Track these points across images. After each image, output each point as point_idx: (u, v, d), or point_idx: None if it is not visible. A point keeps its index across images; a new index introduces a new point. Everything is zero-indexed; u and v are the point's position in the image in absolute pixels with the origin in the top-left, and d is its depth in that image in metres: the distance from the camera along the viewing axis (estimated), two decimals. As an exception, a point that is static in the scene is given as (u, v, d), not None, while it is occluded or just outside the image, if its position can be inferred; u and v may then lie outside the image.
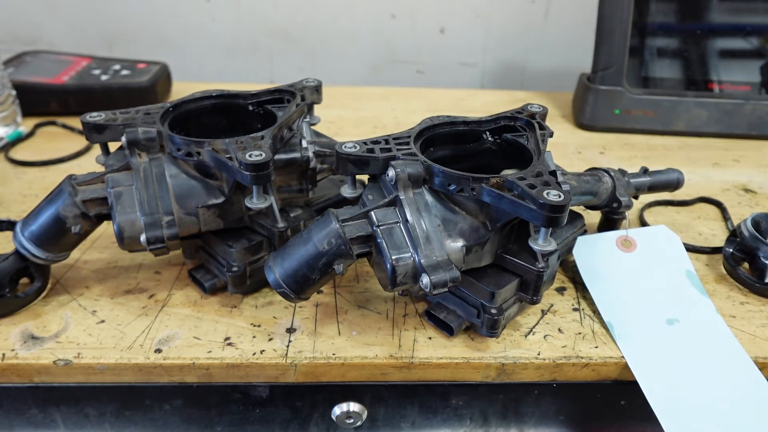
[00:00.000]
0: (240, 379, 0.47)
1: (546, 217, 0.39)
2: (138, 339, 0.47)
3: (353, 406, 0.52)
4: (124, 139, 0.48)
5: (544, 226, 0.40)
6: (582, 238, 0.56)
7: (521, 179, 0.41)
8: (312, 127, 0.55)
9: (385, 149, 0.46)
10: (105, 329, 0.48)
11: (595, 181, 0.56)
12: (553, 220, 0.39)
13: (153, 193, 0.47)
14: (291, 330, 0.49)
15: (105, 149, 0.52)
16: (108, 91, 0.87)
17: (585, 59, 0.95)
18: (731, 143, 0.89)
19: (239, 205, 0.49)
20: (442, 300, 0.50)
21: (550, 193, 0.39)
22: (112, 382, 0.48)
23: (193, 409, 0.53)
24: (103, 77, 0.89)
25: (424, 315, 0.50)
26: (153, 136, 0.48)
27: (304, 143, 0.51)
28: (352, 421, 0.52)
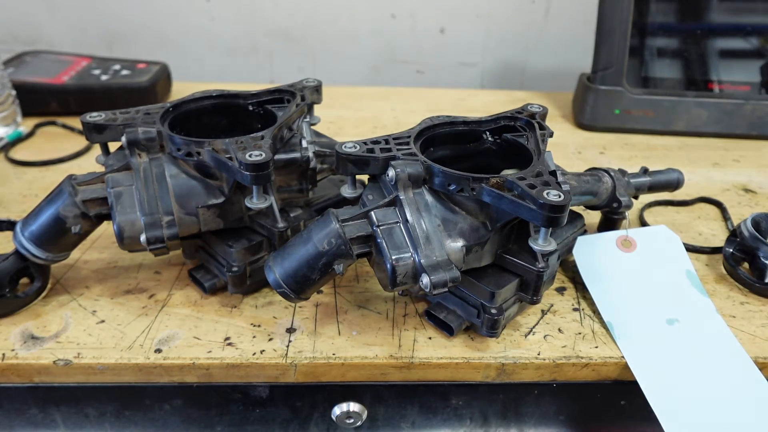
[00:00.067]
0: (240, 379, 0.47)
1: (546, 217, 0.39)
2: (138, 339, 0.47)
3: (353, 406, 0.52)
4: (124, 139, 0.48)
5: (544, 226, 0.40)
6: (582, 238, 0.56)
7: (521, 179, 0.41)
8: (312, 127, 0.55)
9: (385, 149, 0.46)
10: (105, 329, 0.48)
11: (595, 181, 0.56)
12: (553, 220, 0.39)
13: (153, 193, 0.47)
14: (291, 330, 0.49)
15: (105, 149, 0.52)
16: (108, 91, 0.87)
17: (585, 59, 0.95)
18: (731, 143, 0.89)
19: (239, 205, 0.49)
20: (442, 300, 0.50)
21: (550, 193, 0.39)
22: (112, 382, 0.48)
23: (193, 409, 0.53)
24: (103, 77, 0.89)
25: (424, 315, 0.50)
26: (153, 136, 0.48)
27: (304, 143, 0.51)
28: (352, 421, 0.52)
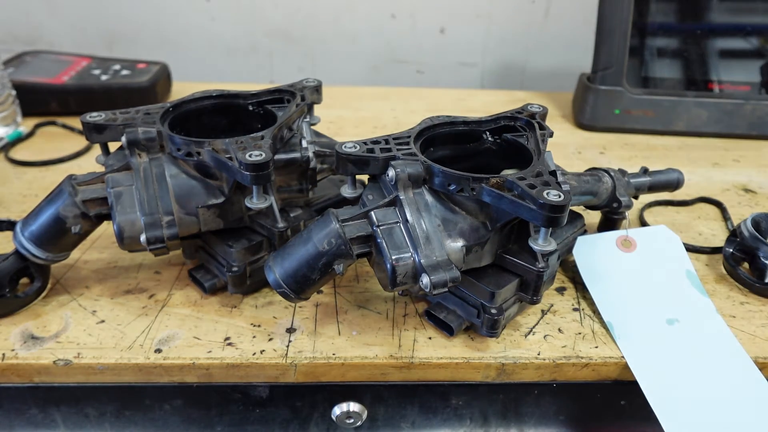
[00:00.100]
0: (240, 379, 0.47)
1: (546, 217, 0.39)
2: (138, 339, 0.47)
3: (353, 406, 0.52)
4: (124, 139, 0.48)
5: (544, 226, 0.40)
6: (582, 238, 0.56)
7: (521, 179, 0.41)
8: (312, 127, 0.55)
9: (385, 149, 0.46)
10: (105, 329, 0.48)
11: (595, 181, 0.56)
12: (553, 220, 0.39)
13: (153, 193, 0.47)
14: (291, 330, 0.49)
15: (105, 149, 0.52)
16: (108, 91, 0.87)
17: (585, 59, 0.95)
18: (731, 143, 0.89)
19: (239, 205, 0.49)
20: (442, 300, 0.50)
21: (550, 193, 0.39)
22: (112, 382, 0.48)
23: (193, 409, 0.53)
24: (103, 77, 0.89)
25: (424, 315, 0.50)
26: (153, 136, 0.48)
27: (304, 143, 0.51)
28: (352, 421, 0.52)
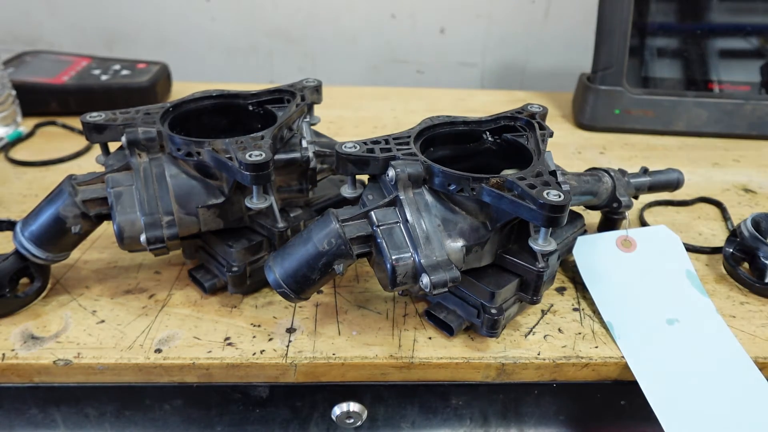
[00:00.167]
0: (240, 379, 0.47)
1: (546, 217, 0.39)
2: (138, 339, 0.47)
3: (353, 406, 0.52)
4: (124, 139, 0.48)
5: (544, 226, 0.40)
6: (582, 238, 0.56)
7: (521, 179, 0.41)
8: (312, 127, 0.55)
9: (385, 149, 0.46)
10: (105, 329, 0.48)
11: (595, 181, 0.56)
12: (553, 220, 0.39)
13: (153, 193, 0.47)
14: (291, 330, 0.49)
15: (105, 149, 0.52)
16: (108, 91, 0.87)
17: (585, 59, 0.95)
18: (731, 143, 0.89)
19: (239, 205, 0.49)
20: (442, 300, 0.50)
21: (550, 193, 0.39)
22: (112, 382, 0.48)
23: (193, 409, 0.53)
24: (103, 77, 0.89)
25: (424, 315, 0.50)
26: (153, 136, 0.48)
27: (304, 143, 0.51)
28: (352, 421, 0.52)
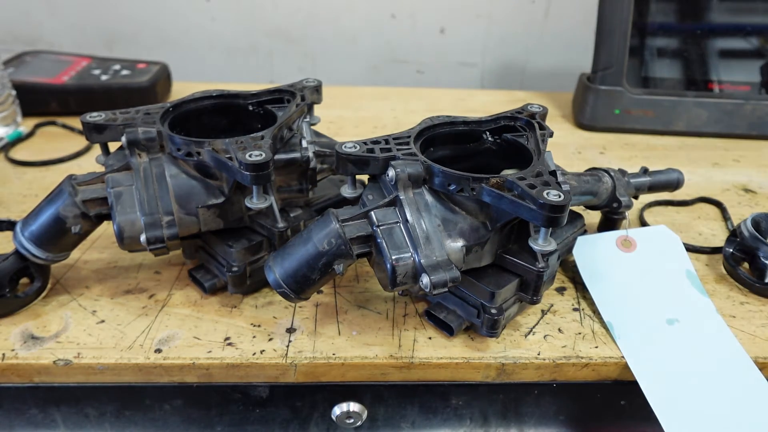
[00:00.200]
0: (240, 379, 0.47)
1: (546, 217, 0.39)
2: (138, 339, 0.47)
3: (353, 406, 0.52)
4: (124, 139, 0.48)
5: (544, 226, 0.40)
6: (582, 238, 0.56)
7: (521, 179, 0.41)
8: (312, 127, 0.55)
9: (385, 149, 0.46)
10: (105, 329, 0.48)
11: (595, 181, 0.56)
12: (553, 220, 0.39)
13: (153, 193, 0.47)
14: (291, 330, 0.49)
15: (105, 149, 0.52)
16: (108, 91, 0.87)
17: (585, 59, 0.95)
18: (731, 143, 0.89)
19: (239, 205, 0.49)
20: (442, 300, 0.50)
21: (550, 193, 0.39)
22: (112, 382, 0.48)
23: (193, 409, 0.53)
24: (103, 77, 0.89)
25: (424, 315, 0.50)
26: (153, 136, 0.48)
27: (304, 143, 0.51)
28: (352, 421, 0.52)
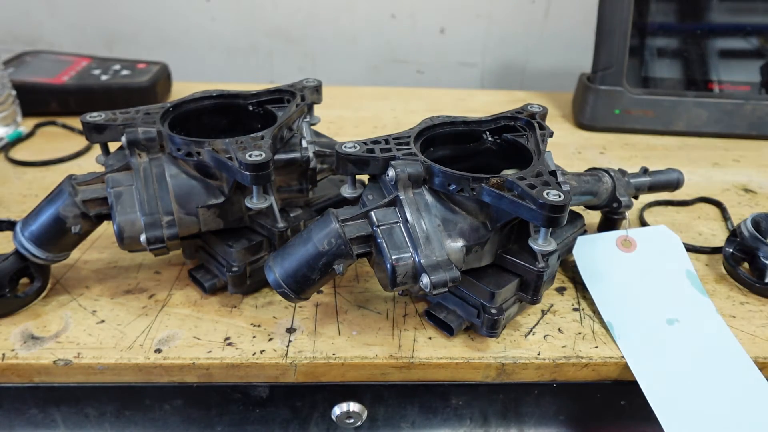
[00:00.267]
0: (240, 379, 0.47)
1: (546, 217, 0.39)
2: (138, 339, 0.47)
3: (353, 406, 0.52)
4: (124, 139, 0.48)
5: (544, 226, 0.40)
6: (582, 238, 0.56)
7: (521, 179, 0.41)
8: (312, 127, 0.55)
9: (385, 149, 0.46)
10: (105, 329, 0.48)
11: (595, 181, 0.56)
12: (553, 220, 0.39)
13: (153, 193, 0.47)
14: (291, 330, 0.49)
15: (105, 149, 0.52)
16: (108, 91, 0.87)
17: (585, 59, 0.95)
18: (731, 143, 0.89)
19: (239, 205, 0.49)
20: (442, 300, 0.50)
21: (550, 193, 0.39)
22: (112, 382, 0.48)
23: (193, 409, 0.53)
24: (103, 77, 0.89)
25: (424, 315, 0.50)
26: (153, 136, 0.48)
27: (304, 143, 0.51)
28: (352, 421, 0.52)
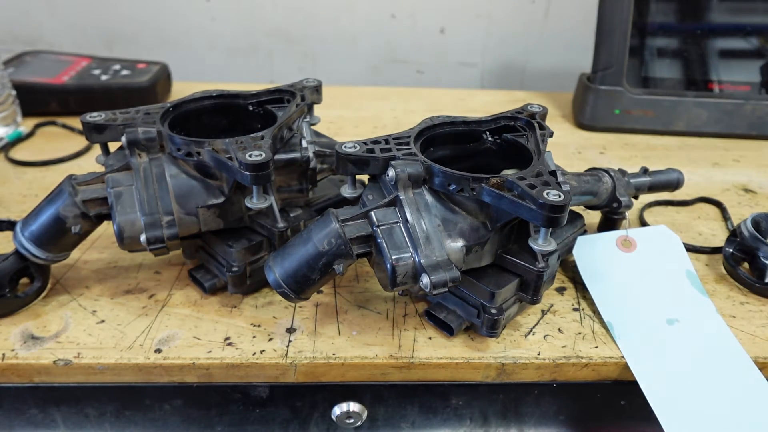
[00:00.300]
0: (240, 379, 0.47)
1: (546, 217, 0.39)
2: (138, 339, 0.47)
3: (353, 406, 0.52)
4: (124, 139, 0.48)
5: (544, 226, 0.40)
6: (582, 238, 0.56)
7: (521, 179, 0.41)
8: (312, 127, 0.55)
9: (385, 149, 0.46)
10: (105, 329, 0.48)
11: (595, 181, 0.56)
12: (553, 220, 0.39)
13: (153, 193, 0.47)
14: (291, 330, 0.49)
15: (105, 149, 0.52)
16: (108, 91, 0.87)
17: (585, 59, 0.95)
18: (731, 143, 0.89)
19: (239, 205, 0.49)
20: (442, 300, 0.50)
21: (550, 193, 0.39)
22: (112, 382, 0.48)
23: (193, 409, 0.53)
24: (103, 77, 0.89)
25: (424, 315, 0.50)
26: (153, 136, 0.48)
27: (304, 143, 0.51)
28: (352, 421, 0.52)
